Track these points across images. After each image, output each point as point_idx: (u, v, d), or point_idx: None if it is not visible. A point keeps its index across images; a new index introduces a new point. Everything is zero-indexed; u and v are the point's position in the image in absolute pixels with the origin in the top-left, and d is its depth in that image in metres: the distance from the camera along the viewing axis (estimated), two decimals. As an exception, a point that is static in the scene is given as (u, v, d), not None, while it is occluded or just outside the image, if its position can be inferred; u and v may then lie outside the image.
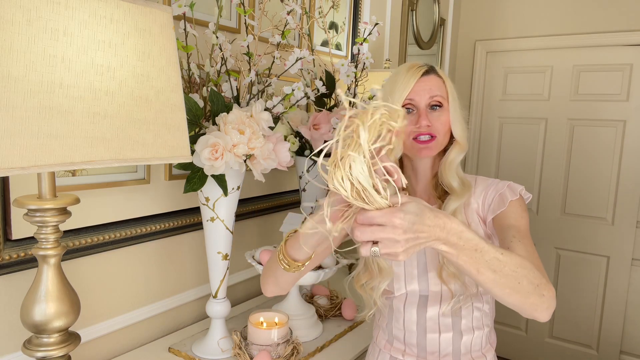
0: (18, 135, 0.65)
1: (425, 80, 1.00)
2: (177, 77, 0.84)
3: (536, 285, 0.77)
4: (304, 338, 1.33)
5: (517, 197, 0.99)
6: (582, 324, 2.87)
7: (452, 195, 1.00)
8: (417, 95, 0.99)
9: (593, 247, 2.82)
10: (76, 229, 1.13)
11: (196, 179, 1.11)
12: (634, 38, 2.61)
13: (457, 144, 1.02)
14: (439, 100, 1.00)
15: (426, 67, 1.02)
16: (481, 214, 1.02)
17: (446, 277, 0.99)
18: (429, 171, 1.06)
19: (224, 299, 1.25)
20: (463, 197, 1.00)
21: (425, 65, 1.02)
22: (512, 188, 1.01)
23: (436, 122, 0.99)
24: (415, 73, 1.00)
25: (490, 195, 1.02)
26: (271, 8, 1.40)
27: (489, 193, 1.02)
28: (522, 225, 0.97)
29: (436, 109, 1.00)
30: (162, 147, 0.81)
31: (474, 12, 3.07)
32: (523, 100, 2.97)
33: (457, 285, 0.99)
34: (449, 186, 1.01)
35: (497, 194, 1.01)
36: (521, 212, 0.99)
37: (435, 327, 1.03)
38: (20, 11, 0.65)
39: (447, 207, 0.99)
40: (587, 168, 2.81)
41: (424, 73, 1.00)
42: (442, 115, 1.00)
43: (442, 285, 1.00)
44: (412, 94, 0.99)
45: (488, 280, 0.74)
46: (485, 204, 1.02)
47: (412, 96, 0.99)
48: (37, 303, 0.82)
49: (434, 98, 0.99)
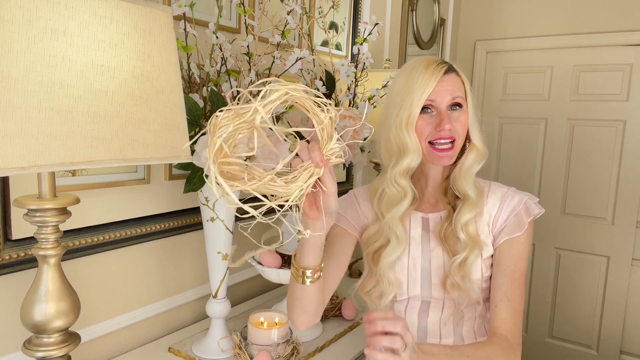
0: (18, 135, 0.65)
1: (446, 80, 0.93)
2: (177, 77, 0.84)
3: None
4: (304, 338, 1.33)
5: (531, 218, 0.97)
6: (582, 324, 2.87)
7: (466, 204, 0.96)
8: (438, 96, 0.93)
9: (593, 247, 2.82)
10: (76, 229, 1.13)
11: (196, 179, 1.11)
12: (634, 38, 2.61)
13: (473, 149, 0.97)
14: (459, 101, 0.94)
15: (447, 65, 0.95)
16: (492, 228, 0.99)
17: (449, 287, 0.97)
18: (440, 176, 1.02)
19: (224, 299, 1.25)
20: (477, 207, 0.96)
21: (444, 62, 0.96)
22: (528, 207, 0.97)
23: (456, 123, 0.94)
24: (435, 72, 0.93)
25: (505, 213, 0.98)
26: (271, 8, 1.40)
27: (504, 209, 0.98)
28: (519, 269, 0.97)
29: (456, 108, 0.95)
30: (162, 147, 0.81)
31: (474, 12, 3.07)
32: (523, 100, 2.97)
33: (460, 295, 0.98)
34: (464, 194, 0.97)
35: (513, 215, 0.97)
36: (525, 246, 0.97)
37: (436, 332, 1.02)
38: (20, 11, 0.65)
39: (460, 217, 0.96)
40: (587, 168, 2.81)
41: (445, 72, 0.94)
42: (462, 116, 0.95)
43: (445, 293, 0.99)
44: (433, 95, 0.92)
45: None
46: (498, 221, 0.98)
47: (433, 97, 0.93)
48: (37, 303, 0.82)
49: (455, 99, 0.94)
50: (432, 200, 1.04)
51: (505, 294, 0.94)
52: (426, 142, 0.95)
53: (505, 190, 1.01)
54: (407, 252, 1.01)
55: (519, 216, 0.97)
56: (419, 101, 0.92)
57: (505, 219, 0.98)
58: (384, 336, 0.73)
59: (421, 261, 1.00)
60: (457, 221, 0.97)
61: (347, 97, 1.51)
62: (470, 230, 0.96)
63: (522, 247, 0.97)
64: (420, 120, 0.94)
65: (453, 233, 0.98)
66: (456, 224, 0.97)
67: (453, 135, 0.93)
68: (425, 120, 0.94)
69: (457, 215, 0.97)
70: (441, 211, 1.03)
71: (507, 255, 0.96)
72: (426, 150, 0.95)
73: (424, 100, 0.92)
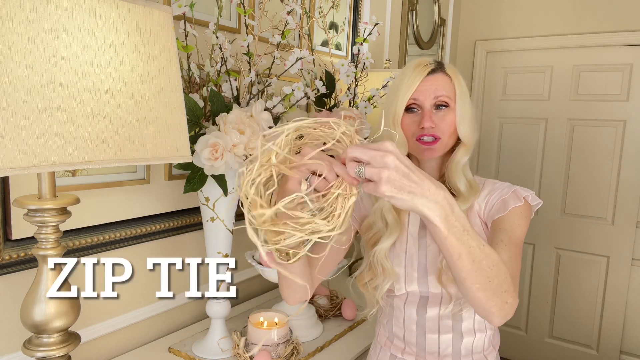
0: (18, 135, 0.65)
1: (431, 80, 0.96)
2: (177, 77, 0.84)
3: (504, 290, 0.74)
4: (304, 338, 1.33)
5: (521, 203, 0.95)
6: (582, 324, 2.87)
7: (459, 198, 0.97)
8: (421, 95, 0.96)
9: (593, 247, 2.82)
10: (76, 229, 1.13)
11: (196, 179, 1.11)
12: (634, 38, 2.61)
13: (462, 145, 0.99)
14: (444, 100, 0.96)
15: (433, 66, 0.98)
16: (482, 217, 1.00)
17: (445, 281, 0.97)
18: (436, 172, 1.04)
19: (224, 299, 1.25)
20: (469, 200, 0.97)
21: (433, 62, 0.98)
22: (517, 193, 0.98)
23: (441, 122, 0.96)
24: (420, 72, 0.96)
25: (493, 200, 0.99)
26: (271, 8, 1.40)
27: (492, 197, 0.99)
28: (515, 232, 0.93)
29: (442, 109, 0.97)
30: (162, 147, 0.81)
31: (474, 12, 3.07)
32: (523, 100, 2.97)
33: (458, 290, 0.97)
34: (456, 188, 0.98)
35: (500, 199, 0.97)
36: (519, 219, 0.95)
37: (435, 327, 1.03)
38: (20, 11, 0.65)
39: None
40: (587, 168, 2.81)
41: (430, 72, 0.97)
42: (448, 116, 0.97)
43: (442, 288, 1.00)
44: (416, 94, 0.96)
45: (464, 269, 0.69)
46: (487, 208, 0.99)
47: (416, 96, 0.96)
48: (37, 303, 0.82)
49: (439, 98, 0.96)
50: None
51: (502, 241, 0.90)
52: (413, 139, 0.98)
53: (499, 184, 1.02)
54: (405, 247, 1.02)
55: (505, 201, 0.97)
56: (403, 99, 0.96)
57: (492, 205, 0.98)
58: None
59: (418, 257, 1.01)
60: None
61: (347, 97, 1.51)
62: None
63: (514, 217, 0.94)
64: (405, 118, 0.98)
65: None
66: None
67: (435, 134, 0.96)
68: (410, 119, 0.98)
69: None
70: None
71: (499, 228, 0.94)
72: (414, 146, 0.98)
73: (407, 98, 0.96)
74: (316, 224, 0.59)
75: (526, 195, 0.97)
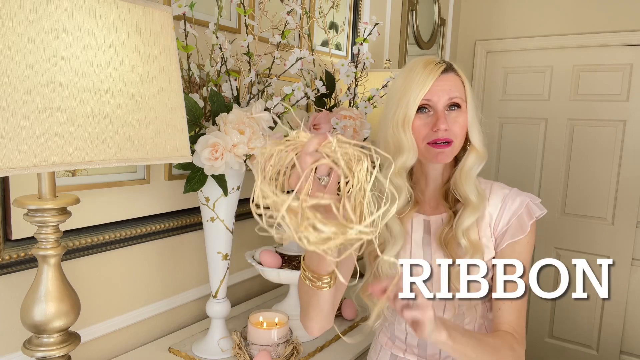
0: (18, 135, 0.65)
1: (444, 79, 0.92)
2: (177, 77, 0.84)
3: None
4: (304, 338, 1.33)
5: (533, 220, 0.94)
6: (582, 324, 2.87)
7: (467, 208, 0.94)
8: (434, 96, 0.91)
9: (593, 247, 2.82)
10: (76, 229, 1.13)
11: (196, 179, 1.11)
12: (634, 38, 2.61)
13: (473, 150, 0.96)
14: (457, 101, 0.92)
15: (445, 65, 0.93)
16: (493, 230, 0.98)
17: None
18: (440, 177, 1.00)
19: (224, 299, 1.25)
20: (479, 210, 0.94)
21: (443, 62, 0.94)
22: (530, 209, 0.96)
23: (453, 124, 0.92)
24: (433, 71, 0.91)
25: (507, 216, 0.96)
26: (271, 8, 1.40)
27: (505, 211, 0.96)
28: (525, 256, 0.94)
29: (454, 109, 0.93)
30: (162, 147, 0.81)
31: (474, 12, 3.07)
32: (523, 100, 2.97)
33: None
34: (465, 197, 0.95)
35: (515, 217, 0.95)
36: (528, 249, 0.95)
37: None
38: (20, 11, 0.65)
39: (461, 223, 0.94)
40: (587, 168, 2.80)
41: (443, 71, 0.92)
42: (460, 117, 0.93)
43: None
44: (429, 94, 0.91)
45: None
46: (499, 223, 0.97)
47: (429, 96, 0.91)
48: (37, 303, 0.82)
49: (453, 99, 0.92)
50: (433, 203, 1.03)
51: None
52: (424, 143, 0.93)
53: (507, 192, 0.99)
54: (409, 255, 1.01)
55: (520, 219, 0.95)
56: (415, 100, 0.91)
57: (507, 222, 0.96)
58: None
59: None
60: (458, 226, 0.95)
61: (347, 97, 1.51)
62: (471, 236, 0.95)
63: (525, 250, 0.95)
64: (417, 120, 0.93)
65: (454, 238, 0.97)
66: (457, 229, 0.95)
67: (449, 137, 0.92)
68: (422, 120, 0.93)
69: (458, 221, 0.95)
70: (442, 213, 1.02)
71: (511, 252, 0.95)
72: (424, 149, 0.94)
73: (420, 99, 0.91)
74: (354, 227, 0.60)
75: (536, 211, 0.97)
